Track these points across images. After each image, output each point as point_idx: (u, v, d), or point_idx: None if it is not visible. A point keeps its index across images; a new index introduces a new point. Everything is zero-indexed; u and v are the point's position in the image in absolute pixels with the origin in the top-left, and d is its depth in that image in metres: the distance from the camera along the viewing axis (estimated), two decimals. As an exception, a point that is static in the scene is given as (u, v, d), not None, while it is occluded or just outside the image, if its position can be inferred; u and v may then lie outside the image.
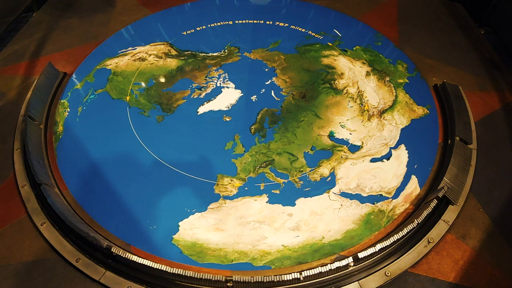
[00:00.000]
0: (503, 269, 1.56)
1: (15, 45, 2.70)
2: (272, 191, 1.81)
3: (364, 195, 1.79)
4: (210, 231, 1.66)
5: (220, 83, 2.34)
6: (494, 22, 3.03)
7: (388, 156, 1.95)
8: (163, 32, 2.76)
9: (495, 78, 2.43)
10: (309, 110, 2.18)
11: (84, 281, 1.50)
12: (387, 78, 2.37)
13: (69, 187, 1.83)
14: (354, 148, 1.99)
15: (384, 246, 1.52)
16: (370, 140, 2.02)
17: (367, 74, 2.40)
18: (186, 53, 2.57)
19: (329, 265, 1.47)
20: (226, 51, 2.58)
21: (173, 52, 2.58)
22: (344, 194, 1.79)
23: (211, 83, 2.35)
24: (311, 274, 1.45)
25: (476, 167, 1.91)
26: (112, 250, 1.49)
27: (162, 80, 2.36)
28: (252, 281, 1.43)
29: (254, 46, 2.60)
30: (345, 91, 2.29)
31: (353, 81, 2.35)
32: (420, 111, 2.19)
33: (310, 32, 2.73)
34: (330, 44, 2.63)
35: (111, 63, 2.49)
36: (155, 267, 1.45)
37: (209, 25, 2.81)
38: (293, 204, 1.76)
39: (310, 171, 1.89)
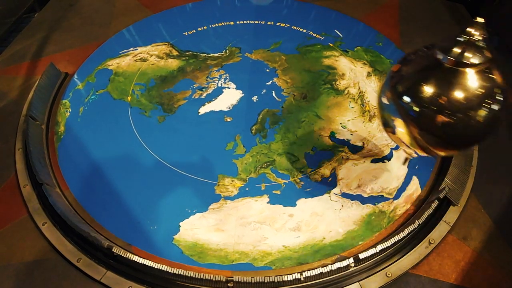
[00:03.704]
0: (504, 270, 1.56)
1: (17, 46, 2.71)
2: (273, 191, 1.81)
3: (365, 195, 1.79)
4: (210, 232, 1.66)
5: (221, 84, 2.35)
6: (495, 22, 3.02)
7: (389, 157, 1.95)
8: (164, 33, 2.77)
9: (496, 79, 2.42)
10: (310, 111, 2.18)
11: (85, 281, 1.50)
12: (388, 79, 2.37)
13: (70, 187, 1.84)
14: (355, 149, 1.99)
15: (385, 247, 1.52)
16: (371, 141, 2.02)
17: (368, 74, 2.40)
18: (187, 53, 2.57)
19: (329, 265, 1.47)
20: (227, 51, 2.58)
21: (174, 53, 2.58)
22: (345, 195, 1.79)
23: (212, 83, 2.35)
24: (311, 274, 1.45)
25: (477, 167, 1.90)
26: (113, 250, 1.49)
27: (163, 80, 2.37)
28: (252, 281, 1.43)
29: (255, 47, 2.60)
30: (346, 91, 2.29)
31: (354, 81, 2.35)
32: (421, 111, 2.18)
33: (311, 32, 2.73)
34: (331, 44, 2.63)
35: (113, 64, 2.50)
36: (156, 267, 1.45)
37: (210, 26, 2.81)
38: (294, 205, 1.76)
39: (311, 171, 1.89)
